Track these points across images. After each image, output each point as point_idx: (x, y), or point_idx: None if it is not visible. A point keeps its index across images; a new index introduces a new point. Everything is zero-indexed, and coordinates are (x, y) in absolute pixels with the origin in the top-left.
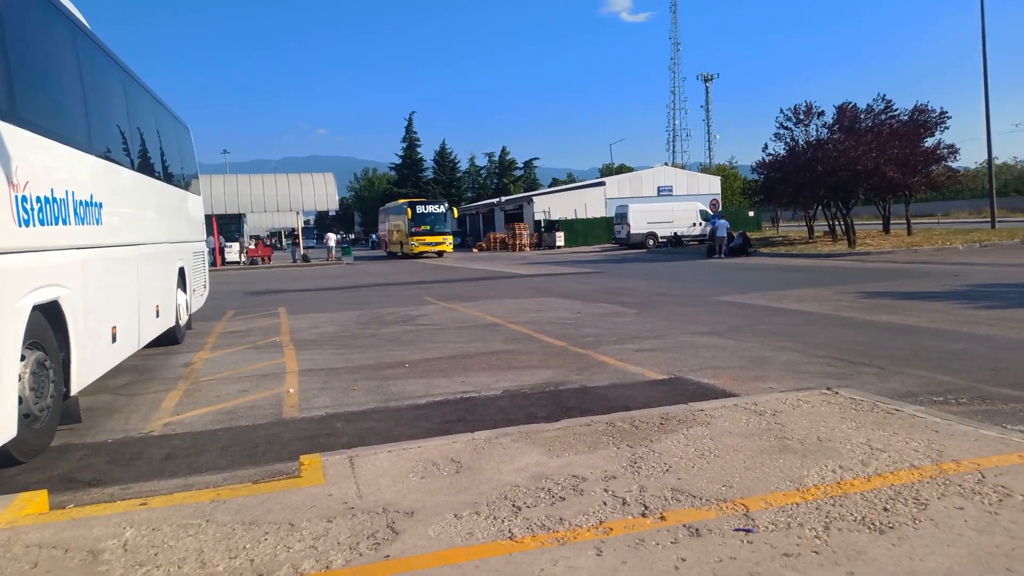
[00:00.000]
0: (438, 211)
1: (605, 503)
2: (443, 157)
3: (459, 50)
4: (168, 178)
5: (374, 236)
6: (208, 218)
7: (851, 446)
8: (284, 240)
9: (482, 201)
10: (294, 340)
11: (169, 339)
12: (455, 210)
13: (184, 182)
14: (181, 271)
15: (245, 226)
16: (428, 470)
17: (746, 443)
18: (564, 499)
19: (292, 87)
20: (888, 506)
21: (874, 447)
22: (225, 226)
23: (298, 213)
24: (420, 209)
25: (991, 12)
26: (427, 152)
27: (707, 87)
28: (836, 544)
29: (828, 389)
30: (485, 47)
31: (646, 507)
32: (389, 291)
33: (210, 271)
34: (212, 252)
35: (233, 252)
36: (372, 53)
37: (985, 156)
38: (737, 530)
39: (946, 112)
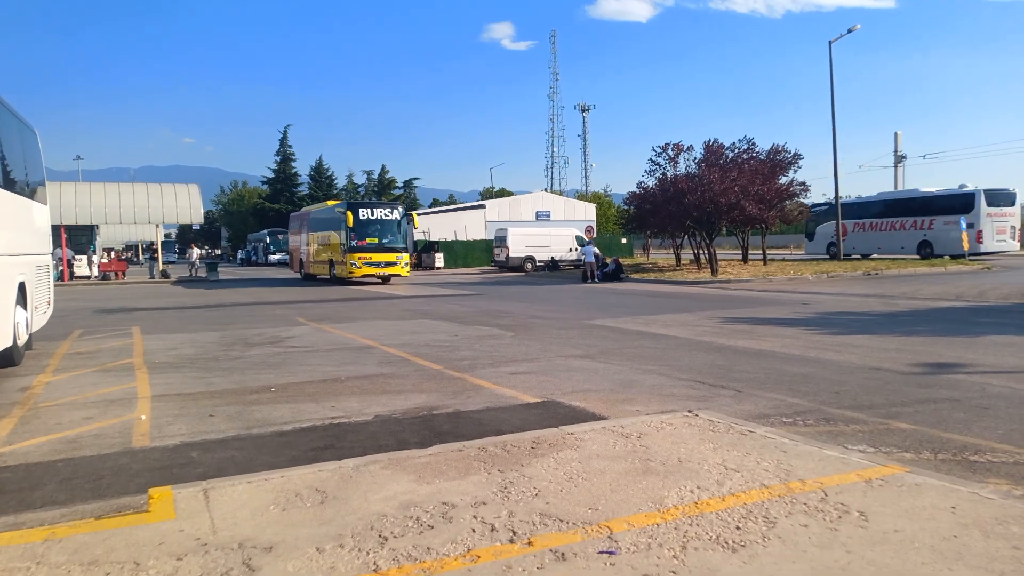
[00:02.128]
0: (390, 217)
1: (474, 530)
2: (319, 173)
3: (339, 67)
4: (9, 184)
5: (243, 253)
6: (56, 228)
7: (708, 467)
8: (142, 254)
9: None
10: (148, 362)
11: (5, 361)
12: (415, 217)
13: (28, 189)
14: (21, 286)
15: (98, 238)
16: (291, 501)
17: (613, 466)
18: (433, 527)
19: (157, 92)
20: (740, 524)
21: (729, 467)
22: (75, 237)
23: (158, 226)
24: (365, 214)
25: (841, 64)
26: (302, 167)
27: (584, 117)
28: (692, 563)
29: (689, 412)
30: (366, 66)
31: (514, 533)
32: (256, 311)
33: (57, 286)
34: (60, 265)
35: (83, 266)
36: (248, 63)
37: (833, 193)
38: (601, 552)
39: (800, 154)
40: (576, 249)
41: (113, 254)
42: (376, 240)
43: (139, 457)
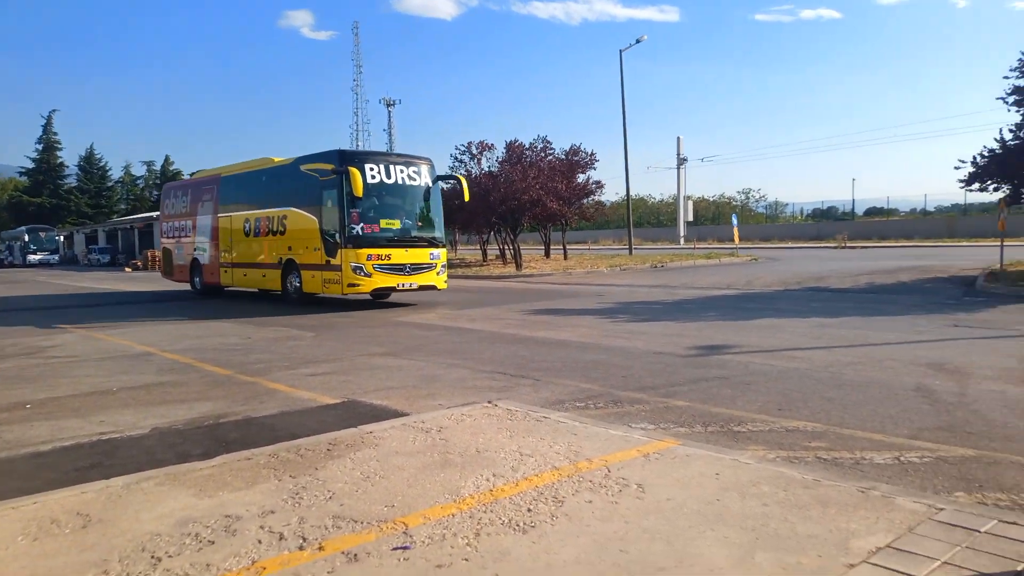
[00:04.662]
0: (415, 181)
1: (260, 541)
2: (90, 163)
3: (116, 51)
4: None
5: None
6: None
7: (504, 454)
8: None
9: (139, 215)
10: None
11: None
12: (464, 182)
13: None
14: None
15: None
16: (45, 529)
17: (411, 461)
18: (213, 543)
19: None
20: (531, 507)
21: (524, 453)
22: None
23: None
24: (376, 174)
25: (631, 71)
26: (70, 157)
27: (390, 112)
28: (485, 548)
29: (489, 402)
30: (146, 51)
31: (304, 539)
32: (10, 317)
33: None
34: None
35: None
36: (8, 39)
37: (625, 192)
38: (395, 549)
39: (595, 154)
40: None
41: None
42: (396, 223)
43: None
